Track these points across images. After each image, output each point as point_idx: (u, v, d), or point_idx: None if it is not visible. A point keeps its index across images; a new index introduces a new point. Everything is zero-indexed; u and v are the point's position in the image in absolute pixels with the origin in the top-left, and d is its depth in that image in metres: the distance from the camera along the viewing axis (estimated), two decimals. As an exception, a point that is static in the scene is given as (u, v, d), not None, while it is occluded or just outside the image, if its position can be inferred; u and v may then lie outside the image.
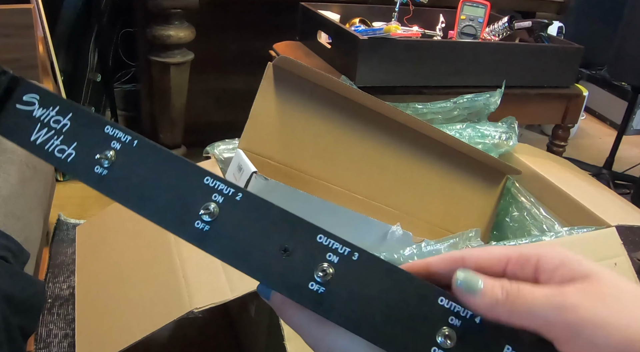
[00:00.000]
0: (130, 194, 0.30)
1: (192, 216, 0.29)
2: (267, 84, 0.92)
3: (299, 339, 0.72)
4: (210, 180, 0.29)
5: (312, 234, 0.28)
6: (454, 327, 0.26)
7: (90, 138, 0.30)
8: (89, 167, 0.30)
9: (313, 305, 0.27)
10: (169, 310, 0.73)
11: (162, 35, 1.38)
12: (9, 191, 0.87)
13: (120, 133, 0.31)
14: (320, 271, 0.27)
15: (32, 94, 0.31)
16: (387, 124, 0.99)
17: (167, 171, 0.30)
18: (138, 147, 0.31)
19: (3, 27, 1.21)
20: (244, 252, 0.28)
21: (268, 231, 0.28)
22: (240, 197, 0.29)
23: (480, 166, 1.07)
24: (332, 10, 1.45)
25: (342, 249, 0.28)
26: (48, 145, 0.30)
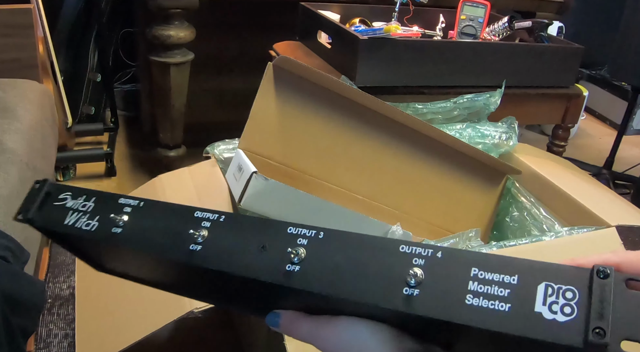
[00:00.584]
0: (138, 243, 0.36)
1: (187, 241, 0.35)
2: (267, 84, 0.92)
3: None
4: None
5: (283, 228, 0.33)
6: (420, 265, 0.29)
7: (108, 209, 0.38)
8: (108, 229, 0.37)
9: (293, 282, 0.31)
10: (169, 310, 0.73)
11: (162, 35, 1.38)
12: (9, 191, 0.87)
13: (130, 200, 0.38)
14: (293, 254, 0.31)
15: (65, 192, 0.40)
16: (387, 124, 0.99)
17: (162, 219, 0.37)
18: (144, 207, 0.38)
19: (3, 27, 1.21)
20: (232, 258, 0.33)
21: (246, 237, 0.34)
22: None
23: (480, 166, 1.07)
24: (332, 10, 1.45)
25: (309, 233, 0.32)
26: (78, 223, 0.38)
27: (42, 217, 0.40)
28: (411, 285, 0.28)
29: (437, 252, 0.29)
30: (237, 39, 1.83)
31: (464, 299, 0.27)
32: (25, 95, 1.14)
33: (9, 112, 1.05)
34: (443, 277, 0.28)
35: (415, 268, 0.29)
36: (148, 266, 0.43)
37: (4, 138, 0.97)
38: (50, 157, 1.13)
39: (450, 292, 0.28)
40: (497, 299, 0.27)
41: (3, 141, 0.96)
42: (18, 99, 1.11)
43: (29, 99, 1.14)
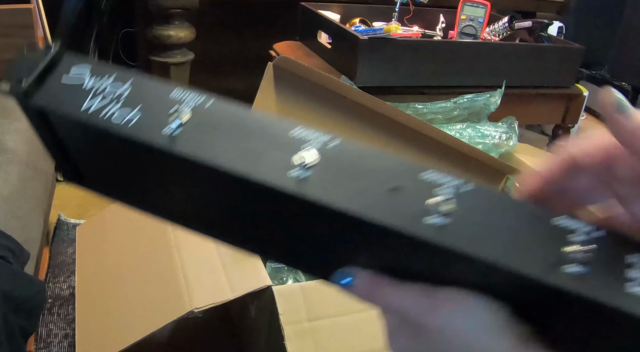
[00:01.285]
0: (205, 152, 0.26)
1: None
2: (267, 84, 0.92)
3: (299, 339, 0.72)
4: (297, 131, 0.27)
5: (416, 173, 0.26)
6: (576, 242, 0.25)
7: (153, 99, 0.27)
8: (156, 129, 0.26)
9: (434, 235, 0.24)
10: (169, 310, 0.73)
11: (162, 35, 1.38)
12: (9, 191, 0.87)
13: (191, 95, 0.28)
14: (438, 205, 0.25)
15: (82, 64, 0.29)
16: (387, 124, 0.99)
17: (244, 126, 0.27)
18: (212, 108, 0.28)
19: (3, 27, 1.21)
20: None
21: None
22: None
23: (480, 166, 1.07)
24: (332, 10, 1.45)
25: (454, 182, 0.26)
26: (104, 112, 0.27)
27: (44, 95, 0.28)
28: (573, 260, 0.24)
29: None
30: (237, 39, 1.83)
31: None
32: (25, 95, 1.14)
33: (9, 112, 1.05)
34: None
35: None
36: (191, 191, 0.30)
37: (4, 138, 0.97)
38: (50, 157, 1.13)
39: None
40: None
41: (3, 141, 0.96)
42: (18, 99, 1.11)
43: (29, 99, 1.14)
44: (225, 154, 0.26)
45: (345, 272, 0.28)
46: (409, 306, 0.27)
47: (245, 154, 0.26)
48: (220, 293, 0.72)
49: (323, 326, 0.70)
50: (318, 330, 0.69)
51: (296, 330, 0.68)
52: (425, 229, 0.24)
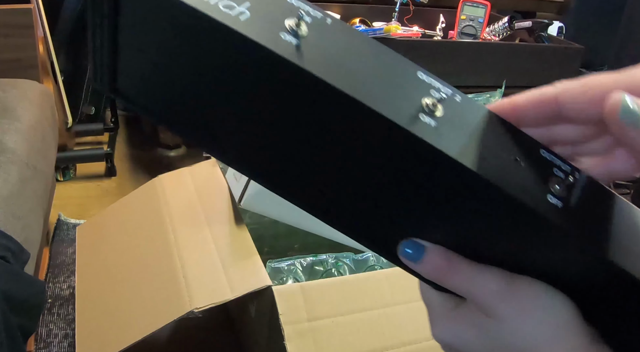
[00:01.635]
0: (334, 70, 0.23)
1: (415, 109, 0.24)
2: (267, 84, 0.92)
3: (299, 339, 0.72)
4: (425, 76, 0.26)
5: (535, 149, 0.25)
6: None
7: (271, 4, 0.24)
8: (271, 32, 0.23)
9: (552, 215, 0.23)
10: (169, 310, 0.73)
11: (162, 35, 1.38)
12: (9, 191, 0.87)
13: (307, 6, 0.25)
14: (557, 184, 0.23)
15: None
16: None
17: (373, 54, 0.25)
18: (333, 24, 0.25)
19: (3, 27, 1.21)
20: (477, 154, 0.23)
21: (497, 139, 0.24)
22: (461, 98, 0.26)
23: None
24: (332, 10, 1.46)
25: (564, 167, 0.25)
26: (211, 6, 0.22)
27: None
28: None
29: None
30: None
31: None
32: (25, 95, 1.14)
33: (9, 112, 1.05)
34: None
35: None
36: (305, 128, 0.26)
37: (4, 138, 0.97)
38: (50, 157, 1.13)
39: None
40: None
41: (3, 141, 0.96)
42: (18, 99, 1.11)
43: (29, 99, 1.14)
44: (353, 80, 0.23)
45: (415, 244, 0.26)
46: (487, 289, 0.25)
47: (375, 86, 0.23)
48: (220, 293, 0.72)
49: (323, 326, 0.70)
50: (318, 330, 0.69)
51: (296, 330, 0.68)
52: (545, 205, 0.23)
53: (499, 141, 0.24)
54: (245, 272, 0.75)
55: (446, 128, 0.24)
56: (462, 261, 0.26)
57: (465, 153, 0.23)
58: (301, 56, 0.22)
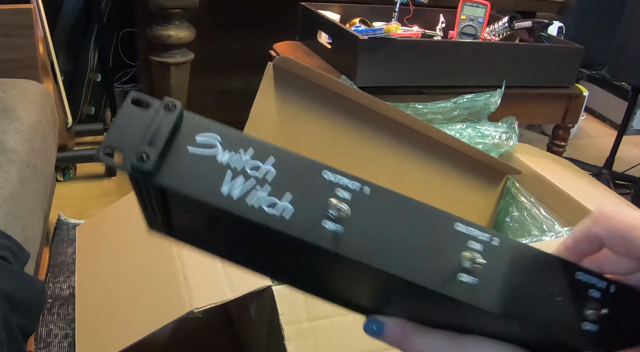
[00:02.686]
0: (375, 251, 0.24)
1: (454, 268, 0.25)
2: (267, 84, 0.92)
3: (299, 339, 0.72)
4: (463, 226, 0.26)
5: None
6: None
7: (308, 187, 0.24)
8: (316, 224, 0.24)
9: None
10: (169, 310, 0.73)
11: (162, 35, 1.38)
12: (9, 191, 0.87)
13: (344, 179, 0.25)
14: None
15: (209, 133, 0.24)
16: (387, 124, 0.99)
17: (411, 220, 0.25)
18: (371, 195, 0.25)
19: (3, 27, 1.21)
20: (513, 301, 0.25)
21: (533, 276, 0.26)
22: (498, 242, 0.26)
23: (480, 166, 1.07)
24: (332, 10, 1.45)
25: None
26: (251, 198, 0.24)
27: (170, 170, 0.23)
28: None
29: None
30: (237, 39, 1.83)
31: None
32: (25, 95, 1.14)
33: (9, 112, 1.05)
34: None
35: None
36: (334, 278, 0.29)
37: (4, 138, 0.97)
38: (50, 157, 1.13)
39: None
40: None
41: (3, 141, 0.96)
42: (18, 99, 1.11)
43: (29, 99, 1.14)
44: (392, 257, 0.25)
45: (375, 322, 0.30)
46: (437, 351, 0.28)
47: (412, 257, 0.25)
48: (220, 293, 0.72)
49: (323, 326, 0.70)
50: (318, 330, 0.69)
51: (296, 330, 0.68)
52: (580, 335, 0.25)
53: (534, 277, 0.26)
54: (245, 272, 0.75)
55: (484, 282, 0.25)
56: (415, 330, 0.29)
57: (504, 306, 0.25)
58: (345, 244, 0.24)
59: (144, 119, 0.24)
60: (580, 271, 0.26)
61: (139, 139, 0.23)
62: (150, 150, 0.23)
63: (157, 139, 0.23)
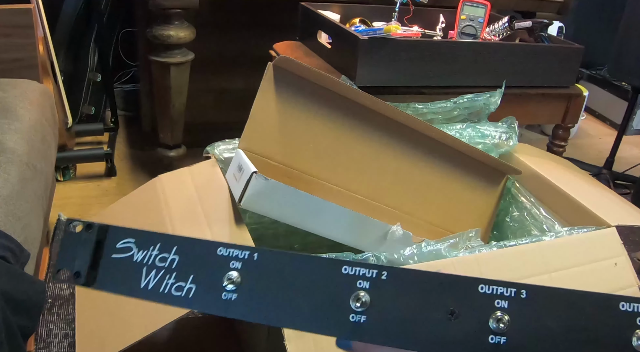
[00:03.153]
0: (265, 311, 0.28)
1: (345, 311, 0.27)
2: (267, 84, 0.92)
3: (299, 339, 0.72)
4: (349, 268, 0.28)
5: (474, 287, 0.27)
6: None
7: (206, 266, 0.28)
8: (215, 297, 0.28)
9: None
10: (169, 310, 0.73)
11: (162, 35, 1.38)
12: (9, 191, 0.87)
13: (235, 251, 0.29)
14: (495, 322, 0.26)
15: (125, 239, 0.30)
16: (387, 124, 0.99)
17: (299, 274, 0.28)
18: (260, 259, 0.29)
19: (3, 27, 1.21)
20: (410, 329, 0.26)
21: (428, 300, 0.27)
22: (386, 275, 0.27)
23: (480, 166, 1.07)
24: (332, 10, 1.45)
25: (507, 292, 0.26)
26: (162, 287, 0.28)
27: (103, 279, 0.30)
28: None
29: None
30: (237, 39, 1.83)
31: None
32: (25, 95, 1.14)
33: (9, 112, 1.05)
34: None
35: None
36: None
37: (4, 138, 0.97)
38: (50, 157, 1.13)
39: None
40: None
41: (3, 141, 0.96)
42: (18, 99, 1.11)
43: (29, 99, 1.14)
44: (283, 313, 0.28)
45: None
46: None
47: (302, 307, 0.28)
48: (220, 293, 0.71)
49: (323, 326, 0.70)
50: (318, 330, 0.69)
51: (296, 330, 0.68)
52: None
53: (429, 300, 0.27)
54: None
55: (374, 318, 0.27)
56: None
57: (402, 337, 0.27)
58: (238, 309, 0.28)
59: (79, 239, 0.30)
60: (482, 283, 0.27)
61: (76, 258, 0.30)
62: (83, 268, 0.29)
63: (86, 257, 0.30)
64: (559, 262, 0.81)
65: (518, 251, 0.80)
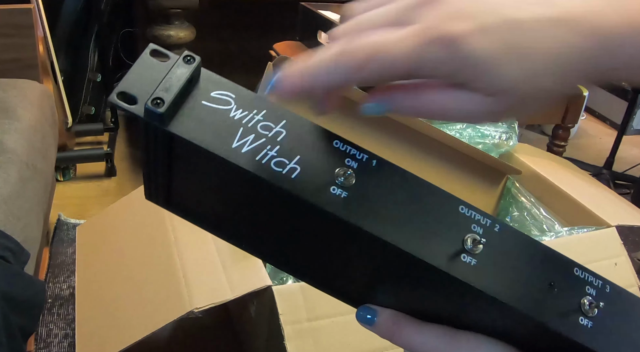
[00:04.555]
0: (372, 218, 0.24)
1: (458, 249, 0.25)
2: (267, 84, 0.92)
3: (299, 339, 0.72)
4: (465, 209, 0.27)
5: (570, 268, 0.27)
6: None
7: (317, 152, 0.25)
8: (321, 187, 0.24)
9: (585, 338, 0.26)
10: (169, 310, 0.73)
11: (162, 35, 1.38)
12: (9, 191, 0.87)
13: (353, 150, 0.26)
14: (586, 305, 0.26)
15: (224, 90, 0.25)
16: (387, 124, 0.99)
17: (416, 196, 0.26)
18: (378, 167, 0.26)
19: (3, 27, 1.21)
20: (514, 287, 0.25)
21: (534, 265, 0.26)
22: (499, 228, 0.27)
23: (480, 166, 1.07)
24: (332, 10, 1.45)
25: (596, 282, 0.27)
26: (260, 155, 0.24)
27: (184, 119, 0.24)
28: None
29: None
30: (237, 39, 1.83)
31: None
32: (25, 95, 1.14)
33: (9, 112, 1.05)
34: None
35: None
36: (335, 253, 0.29)
37: (4, 138, 0.97)
38: (50, 157, 1.13)
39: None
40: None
41: (3, 141, 0.96)
42: (18, 99, 1.11)
43: (29, 99, 1.14)
44: (393, 228, 0.25)
45: (368, 310, 0.29)
46: (431, 346, 0.27)
47: (415, 231, 0.25)
48: (220, 293, 0.72)
49: (323, 326, 0.70)
50: (318, 330, 0.69)
51: (296, 330, 0.68)
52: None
53: (536, 267, 0.26)
54: (245, 272, 0.75)
55: (484, 264, 0.25)
56: (409, 322, 0.28)
57: (502, 290, 0.25)
58: (349, 210, 0.24)
59: (161, 69, 0.24)
60: (577, 267, 0.27)
61: (154, 85, 0.23)
62: (166, 96, 0.23)
63: (173, 87, 0.23)
64: (559, 262, 0.81)
65: (518, 251, 0.80)
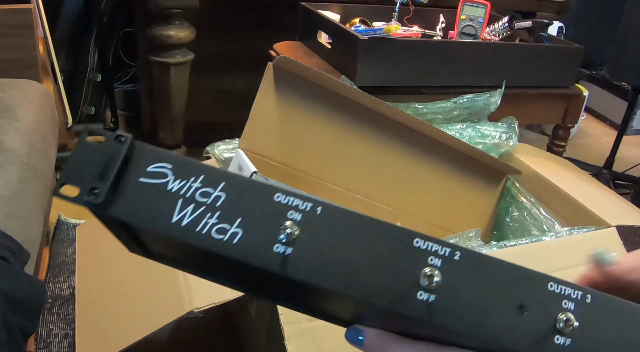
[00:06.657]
0: (327, 273, 0.24)
1: (413, 287, 0.24)
2: (267, 84, 0.92)
3: (299, 339, 0.72)
4: (421, 242, 0.25)
5: (543, 284, 0.26)
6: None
7: (258, 210, 0.24)
8: (265, 247, 0.24)
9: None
10: (169, 310, 0.73)
11: (162, 35, 1.38)
12: (9, 191, 0.87)
13: (296, 200, 0.25)
14: (562, 323, 0.25)
15: (159, 163, 0.24)
16: (387, 124, 0.99)
17: (366, 239, 0.25)
18: (323, 215, 0.25)
19: (3, 27, 1.21)
20: (480, 317, 0.25)
21: (500, 289, 0.25)
22: (459, 256, 0.25)
23: (480, 166, 1.07)
24: (332, 10, 1.45)
25: (574, 294, 0.26)
26: (201, 226, 0.24)
27: (123, 202, 0.24)
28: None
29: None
30: (237, 39, 1.83)
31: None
32: (25, 95, 1.14)
33: (9, 112, 1.05)
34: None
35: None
36: (289, 293, 0.30)
37: (4, 138, 0.97)
38: (50, 157, 1.13)
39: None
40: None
41: (3, 141, 0.96)
42: (18, 99, 1.11)
43: (29, 99, 1.14)
44: (344, 277, 0.24)
45: (356, 330, 0.30)
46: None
47: (366, 273, 0.25)
48: (220, 293, 0.72)
49: (323, 326, 0.70)
50: (318, 330, 0.69)
51: (296, 330, 0.68)
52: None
53: (503, 290, 0.26)
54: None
55: (444, 298, 0.25)
56: (395, 341, 0.29)
57: (470, 322, 0.25)
58: (294, 267, 0.24)
59: (98, 153, 0.24)
60: (552, 282, 0.26)
61: (92, 173, 0.24)
62: (101, 186, 0.23)
63: (109, 173, 0.24)
64: (559, 262, 0.81)
65: (518, 251, 0.80)
